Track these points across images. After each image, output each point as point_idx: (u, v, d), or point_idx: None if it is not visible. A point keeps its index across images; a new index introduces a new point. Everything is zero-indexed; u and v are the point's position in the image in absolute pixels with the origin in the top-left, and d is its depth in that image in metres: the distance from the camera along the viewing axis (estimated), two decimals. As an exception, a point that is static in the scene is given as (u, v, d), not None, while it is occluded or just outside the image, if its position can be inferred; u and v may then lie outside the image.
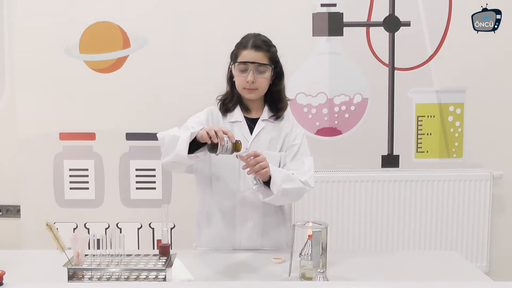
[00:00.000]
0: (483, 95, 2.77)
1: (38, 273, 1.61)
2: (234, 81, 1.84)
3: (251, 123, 1.86)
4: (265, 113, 1.87)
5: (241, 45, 1.81)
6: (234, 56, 1.83)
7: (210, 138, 1.60)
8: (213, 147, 1.61)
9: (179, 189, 2.76)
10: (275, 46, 1.84)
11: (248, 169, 1.66)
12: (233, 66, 1.82)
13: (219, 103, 1.89)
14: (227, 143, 1.60)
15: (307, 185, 1.79)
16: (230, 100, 1.87)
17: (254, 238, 1.85)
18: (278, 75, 1.84)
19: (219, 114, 1.88)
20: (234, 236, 1.86)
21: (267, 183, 1.71)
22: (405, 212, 2.73)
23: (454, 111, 2.79)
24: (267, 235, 1.87)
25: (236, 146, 1.63)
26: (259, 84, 1.79)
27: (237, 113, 1.86)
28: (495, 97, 2.78)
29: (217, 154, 1.62)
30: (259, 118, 1.86)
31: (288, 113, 1.91)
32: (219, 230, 1.86)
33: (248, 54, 1.78)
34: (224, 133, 1.61)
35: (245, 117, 1.86)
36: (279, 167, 1.83)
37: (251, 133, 1.84)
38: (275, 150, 1.85)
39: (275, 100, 1.87)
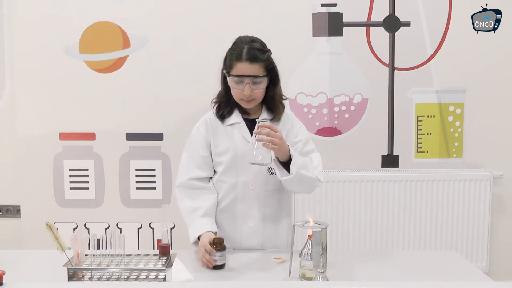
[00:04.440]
0: (483, 95, 2.77)
1: (38, 273, 1.61)
2: (228, 85, 1.81)
3: (251, 124, 1.84)
4: (264, 113, 1.86)
5: (235, 55, 1.75)
6: (228, 66, 1.78)
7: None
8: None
9: (179, 189, 2.76)
10: (269, 50, 1.80)
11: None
12: (227, 75, 1.78)
13: (214, 108, 1.87)
14: (219, 257, 1.66)
15: (318, 180, 1.79)
16: (226, 104, 1.85)
17: (254, 238, 1.86)
18: (272, 81, 1.81)
19: (216, 121, 1.85)
20: (234, 236, 1.86)
21: (286, 164, 1.70)
22: (405, 212, 2.73)
23: (454, 111, 2.79)
24: (268, 234, 1.87)
25: (219, 245, 1.67)
26: (256, 95, 1.77)
27: (235, 116, 1.85)
28: (495, 97, 2.78)
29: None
30: (257, 118, 1.84)
31: (286, 110, 1.89)
32: (219, 230, 1.86)
33: (243, 68, 1.73)
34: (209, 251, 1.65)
35: (243, 118, 1.85)
36: None
37: (251, 134, 1.83)
38: None
39: (269, 105, 1.85)
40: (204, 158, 1.85)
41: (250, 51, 1.74)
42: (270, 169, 1.81)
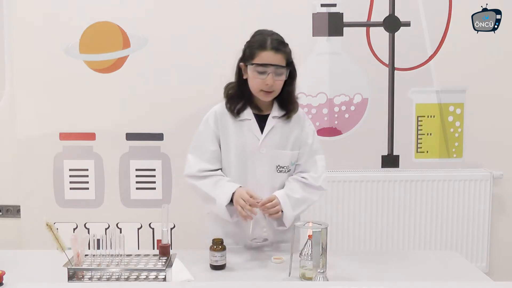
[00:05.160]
0: (483, 95, 2.77)
1: (38, 273, 1.61)
2: (243, 79, 1.81)
3: (261, 121, 1.83)
4: (275, 110, 1.84)
5: (258, 45, 1.75)
6: (249, 56, 1.77)
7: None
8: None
9: (179, 189, 2.76)
10: (288, 45, 1.81)
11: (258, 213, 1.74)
12: (247, 66, 1.77)
13: (226, 101, 1.85)
14: (219, 257, 1.68)
15: (321, 189, 1.85)
16: (238, 99, 1.82)
17: (263, 234, 1.84)
18: (291, 75, 1.81)
19: (227, 114, 1.83)
20: (243, 232, 1.84)
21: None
22: (405, 212, 2.73)
23: (454, 111, 2.79)
24: (276, 231, 1.85)
25: (219, 245, 1.69)
26: (276, 87, 1.76)
27: (247, 112, 1.83)
28: (495, 97, 2.78)
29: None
30: (268, 115, 1.84)
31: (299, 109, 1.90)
32: (230, 226, 1.85)
33: (267, 56, 1.73)
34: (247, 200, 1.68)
35: (254, 114, 1.84)
36: (290, 165, 1.84)
37: (262, 131, 1.82)
38: (285, 148, 1.84)
39: (285, 101, 1.84)
40: (213, 152, 1.83)
41: (274, 41, 1.75)
42: (279, 167, 1.83)
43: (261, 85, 1.75)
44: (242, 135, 1.82)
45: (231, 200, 1.74)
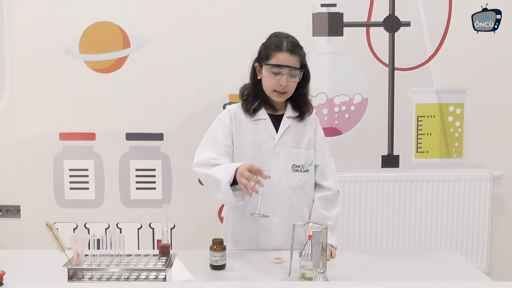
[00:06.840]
0: (483, 95, 2.77)
1: (38, 273, 1.61)
2: (257, 79, 1.84)
3: (276, 120, 1.86)
4: (289, 110, 1.87)
5: (274, 46, 1.78)
6: (265, 57, 1.80)
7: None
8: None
9: (179, 189, 2.76)
10: (303, 47, 1.83)
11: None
12: (263, 66, 1.80)
13: (243, 101, 1.87)
14: (219, 257, 1.66)
15: (339, 193, 1.92)
16: (254, 98, 1.85)
17: (279, 235, 1.84)
18: (305, 77, 1.83)
19: (241, 114, 1.85)
20: (258, 233, 1.84)
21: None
22: (405, 212, 2.73)
23: (454, 111, 2.79)
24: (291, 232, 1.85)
25: (219, 246, 1.67)
26: (289, 88, 1.79)
27: (261, 111, 1.86)
28: (495, 97, 2.78)
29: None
30: (283, 115, 1.86)
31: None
32: (242, 228, 1.85)
33: (283, 58, 1.76)
34: (255, 172, 1.61)
35: (268, 114, 1.86)
36: (307, 165, 1.86)
37: (277, 130, 1.84)
38: (300, 147, 1.86)
39: (299, 103, 1.86)
40: (226, 146, 1.82)
41: (289, 43, 1.78)
42: (294, 166, 1.84)
43: (275, 86, 1.78)
44: (258, 134, 1.84)
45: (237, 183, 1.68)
